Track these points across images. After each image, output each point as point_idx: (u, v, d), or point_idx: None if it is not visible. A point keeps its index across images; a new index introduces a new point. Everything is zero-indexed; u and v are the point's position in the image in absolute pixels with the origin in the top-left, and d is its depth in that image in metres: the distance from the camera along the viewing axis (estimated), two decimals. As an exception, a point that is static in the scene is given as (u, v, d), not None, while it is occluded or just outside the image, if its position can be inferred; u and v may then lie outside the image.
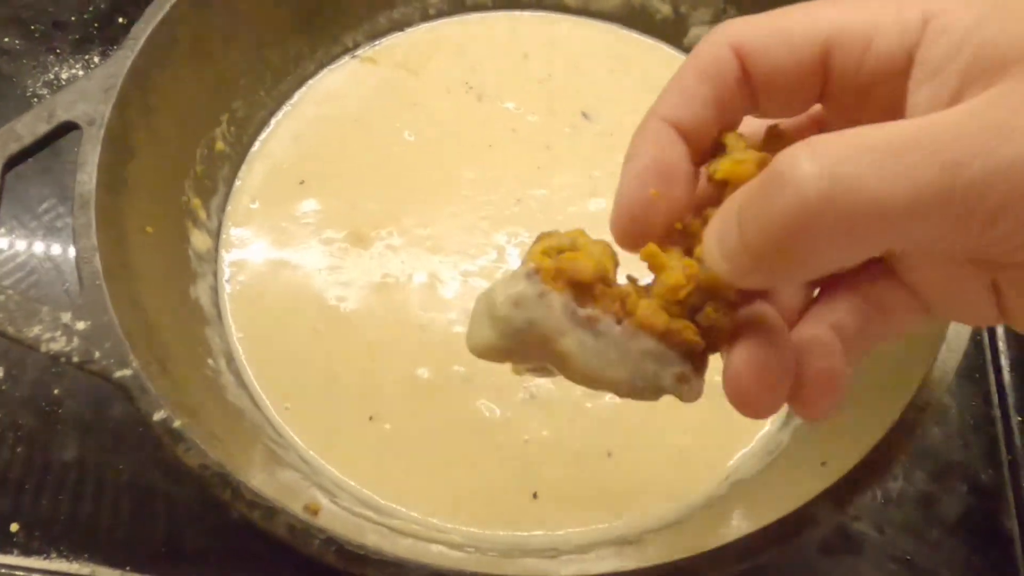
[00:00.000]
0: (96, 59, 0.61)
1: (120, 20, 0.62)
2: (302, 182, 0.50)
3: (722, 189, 0.22)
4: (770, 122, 0.24)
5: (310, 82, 0.54)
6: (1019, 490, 0.45)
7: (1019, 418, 0.47)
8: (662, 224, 0.23)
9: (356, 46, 0.56)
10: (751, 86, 0.23)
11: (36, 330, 0.35)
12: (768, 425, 0.44)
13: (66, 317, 0.35)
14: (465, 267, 0.47)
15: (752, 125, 0.24)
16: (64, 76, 0.60)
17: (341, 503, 0.38)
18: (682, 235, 0.23)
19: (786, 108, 0.23)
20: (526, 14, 0.58)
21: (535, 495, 0.43)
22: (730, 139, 0.23)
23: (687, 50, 0.56)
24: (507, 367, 0.45)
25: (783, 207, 0.18)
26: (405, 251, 0.48)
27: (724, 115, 0.23)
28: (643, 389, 0.23)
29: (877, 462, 0.33)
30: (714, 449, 0.44)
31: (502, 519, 0.42)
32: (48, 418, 0.47)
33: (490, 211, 0.50)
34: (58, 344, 0.34)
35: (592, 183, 0.51)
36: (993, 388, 0.48)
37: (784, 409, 0.45)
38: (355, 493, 0.41)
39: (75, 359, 0.34)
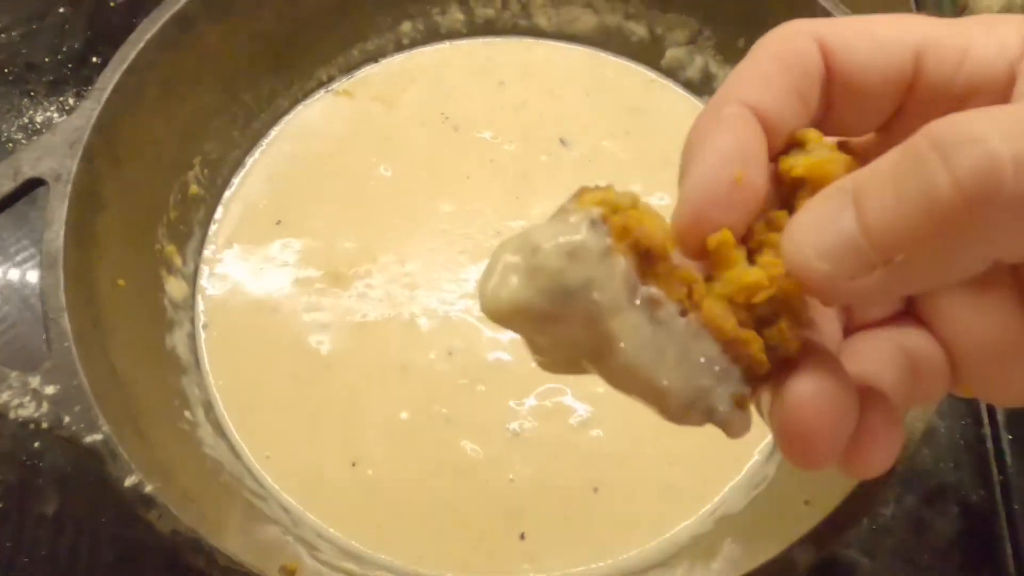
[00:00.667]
0: (71, 100, 0.60)
1: (94, 60, 0.62)
2: (278, 222, 0.50)
3: (793, 190, 0.20)
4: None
5: (285, 119, 0.54)
6: (1012, 511, 0.45)
7: (1010, 437, 0.47)
8: (742, 215, 0.20)
9: (330, 80, 0.55)
10: (831, 86, 0.21)
11: (4, 396, 0.34)
12: (756, 455, 0.44)
13: (35, 382, 0.35)
14: (444, 305, 0.47)
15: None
16: (39, 119, 0.60)
17: (322, 557, 0.38)
18: (743, 240, 0.20)
19: (860, 118, 0.22)
20: (500, 40, 0.58)
21: (522, 536, 0.42)
22: (811, 135, 0.21)
23: (665, 72, 0.56)
24: (493, 407, 0.44)
25: (953, 181, 0.15)
26: (383, 290, 0.48)
27: (800, 113, 0.21)
28: (692, 406, 0.19)
29: (859, 502, 0.33)
30: (701, 481, 0.43)
31: (490, 563, 0.42)
32: (29, 472, 0.46)
33: (468, 245, 0.49)
34: (27, 410, 0.34)
35: (571, 212, 0.50)
36: (983, 406, 0.47)
37: (770, 438, 0.44)
38: (337, 543, 0.41)
39: (44, 425, 0.34)
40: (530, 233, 0.18)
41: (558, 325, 0.18)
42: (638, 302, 0.18)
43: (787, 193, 0.20)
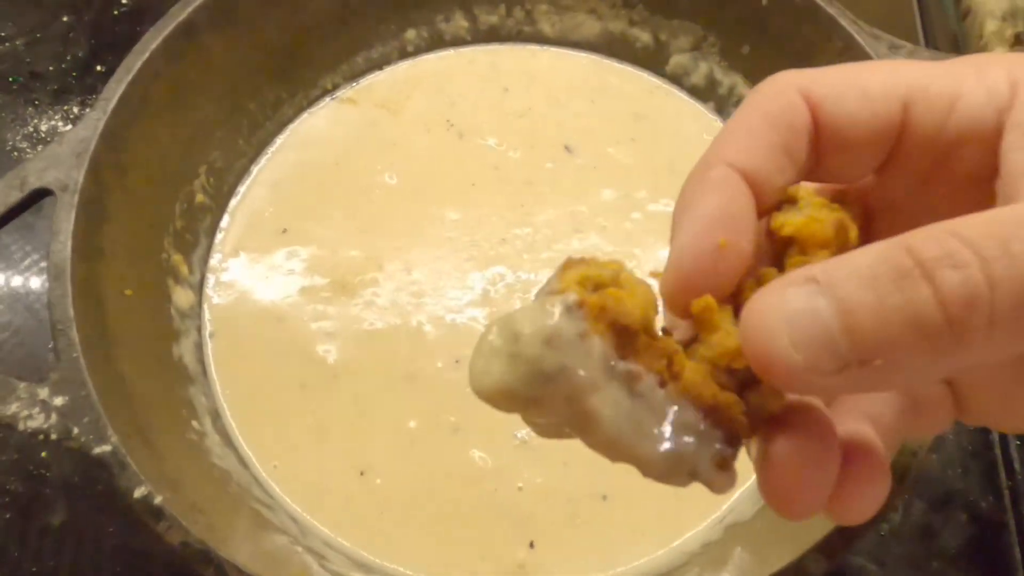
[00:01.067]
0: (75, 109, 0.60)
1: (98, 68, 0.62)
2: (284, 230, 0.50)
3: (783, 248, 0.20)
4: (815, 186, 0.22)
5: (290, 127, 0.54)
6: (1020, 517, 0.45)
7: (1018, 443, 0.46)
8: (727, 278, 0.20)
9: (335, 87, 0.55)
10: (819, 139, 0.21)
11: (13, 408, 0.34)
12: (763, 461, 0.44)
13: (43, 393, 0.34)
14: (451, 313, 0.47)
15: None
16: (43, 128, 0.60)
17: (331, 566, 0.38)
18: (732, 297, 0.20)
19: (850, 168, 0.22)
20: (505, 47, 0.58)
21: (532, 544, 0.42)
22: (802, 192, 0.21)
23: (669, 78, 0.56)
24: (501, 414, 0.45)
25: (938, 302, 0.15)
26: (390, 298, 0.47)
27: (789, 168, 0.21)
28: (674, 470, 0.19)
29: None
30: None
31: (499, 571, 0.41)
32: (36, 482, 0.46)
33: (474, 252, 0.49)
34: (36, 421, 0.34)
35: (576, 219, 0.50)
36: (990, 412, 0.47)
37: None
38: (346, 552, 0.40)
39: (53, 436, 0.34)
40: (513, 318, 0.19)
41: (541, 406, 0.19)
42: (616, 376, 0.19)
43: (779, 248, 0.20)
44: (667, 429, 0.19)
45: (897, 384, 0.18)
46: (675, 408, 0.19)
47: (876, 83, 0.20)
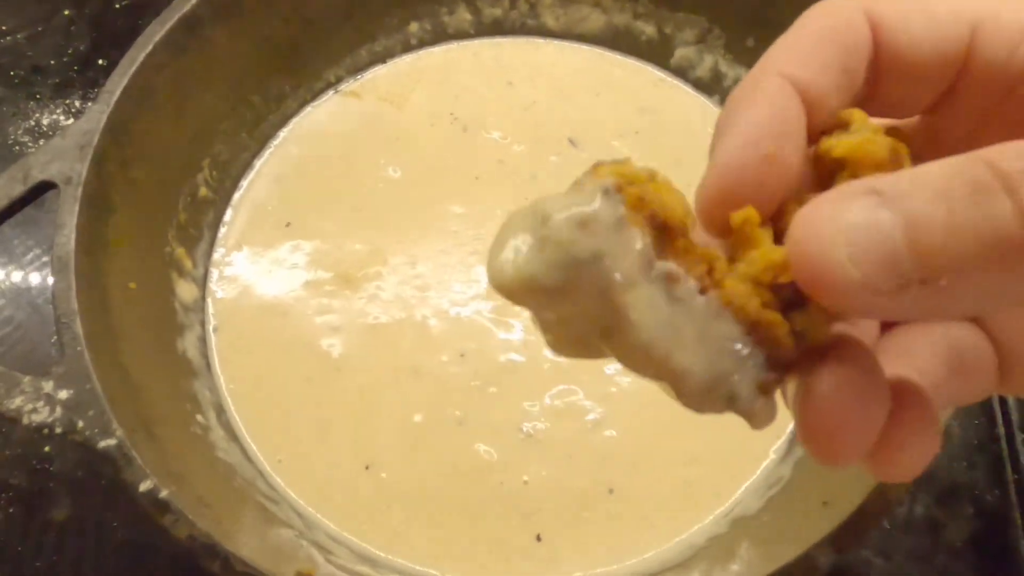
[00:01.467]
0: (77, 103, 0.60)
1: (100, 62, 0.61)
2: (288, 224, 0.50)
3: (832, 172, 0.18)
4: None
5: (293, 120, 0.54)
6: (1027, 511, 0.44)
7: (1023, 435, 0.46)
8: (771, 194, 0.18)
9: (339, 81, 0.55)
10: (878, 63, 0.19)
11: (18, 402, 0.34)
12: (772, 455, 0.44)
13: (48, 386, 0.34)
14: (456, 306, 0.47)
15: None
16: (45, 122, 0.59)
17: (336, 560, 0.38)
18: (772, 220, 0.19)
19: (907, 99, 0.20)
20: (509, 40, 0.57)
21: (538, 537, 0.42)
22: (855, 115, 0.19)
23: (674, 71, 0.56)
24: (506, 408, 0.44)
25: (1021, 216, 0.14)
26: (394, 292, 0.47)
27: (844, 89, 0.20)
28: (712, 390, 0.17)
29: (878, 503, 0.32)
30: (717, 481, 0.43)
31: (506, 565, 0.41)
32: (39, 477, 0.46)
33: (479, 246, 0.49)
34: (40, 415, 0.34)
35: (581, 213, 0.50)
36: (996, 406, 0.47)
37: (786, 437, 0.44)
38: (352, 546, 0.40)
39: (58, 430, 0.34)
40: (540, 203, 0.17)
41: (568, 300, 0.17)
42: (654, 277, 0.17)
43: (825, 176, 0.19)
44: (707, 340, 0.17)
45: (958, 310, 0.16)
46: (716, 320, 0.17)
47: (944, 5, 0.19)
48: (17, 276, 0.53)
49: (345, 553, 0.40)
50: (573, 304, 0.17)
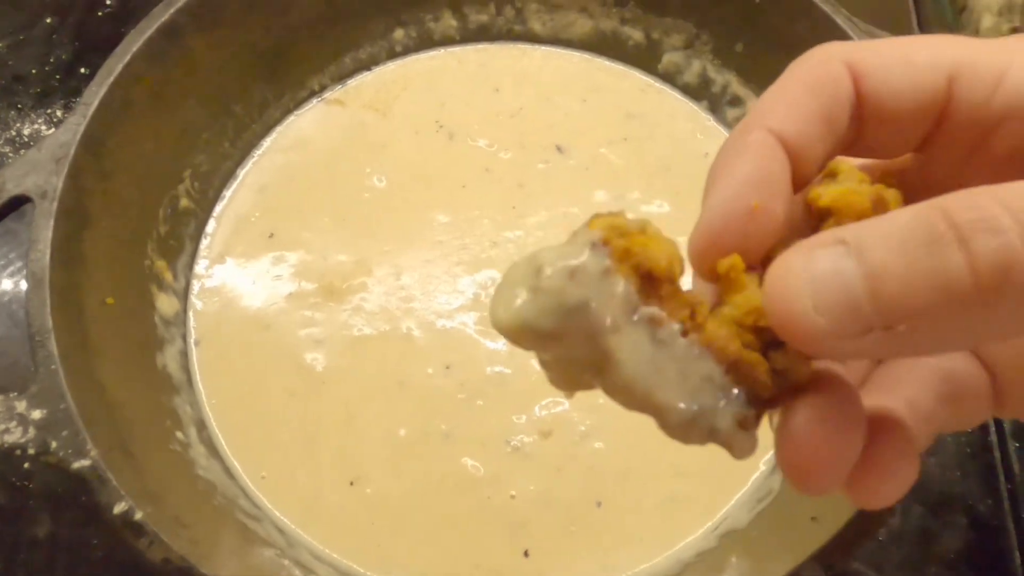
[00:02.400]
0: (59, 113, 0.59)
1: (82, 71, 0.61)
2: (271, 235, 0.49)
3: (819, 220, 0.20)
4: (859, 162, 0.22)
5: (277, 129, 0.53)
6: (1020, 521, 0.44)
7: (1016, 445, 0.46)
8: (757, 243, 0.20)
9: (323, 88, 0.55)
10: (861, 111, 0.21)
11: (-10, 422, 0.33)
12: (761, 467, 0.43)
13: (21, 406, 0.34)
14: (441, 318, 0.46)
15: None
16: (27, 132, 0.59)
17: (319, 580, 0.37)
18: (762, 264, 0.20)
19: (891, 143, 0.21)
20: (495, 46, 0.57)
21: (526, 553, 0.41)
22: (843, 166, 0.20)
23: (661, 76, 0.55)
24: (493, 421, 0.44)
25: (970, 267, 0.15)
26: (379, 303, 0.47)
27: (828, 138, 0.21)
28: (694, 424, 0.19)
29: (868, 518, 0.32)
30: (705, 494, 0.43)
31: (492, 581, 0.41)
32: (18, 495, 0.45)
33: (465, 256, 0.48)
34: (13, 436, 0.33)
35: (568, 221, 0.50)
36: (989, 414, 0.47)
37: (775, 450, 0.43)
38: (336, 565, 0.40)
39: (31, 451, 0.33)
40: (537, 255, 0.19)
41: (561, 342, 0.18)
42: (638, 320, 0.19)
43: (815, 223, 0.20)
44: (688, 379, 0.19)
45: (921, 351, 0.18)
46: (697, 359, 0.19)
47: (922, 55, 0.20)
48: (-3, 289, 0.52)
49: (328, 572, 0.39)
50: (566, 346, 0.18)
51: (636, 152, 0.52)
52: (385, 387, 0.44)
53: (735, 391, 0.19)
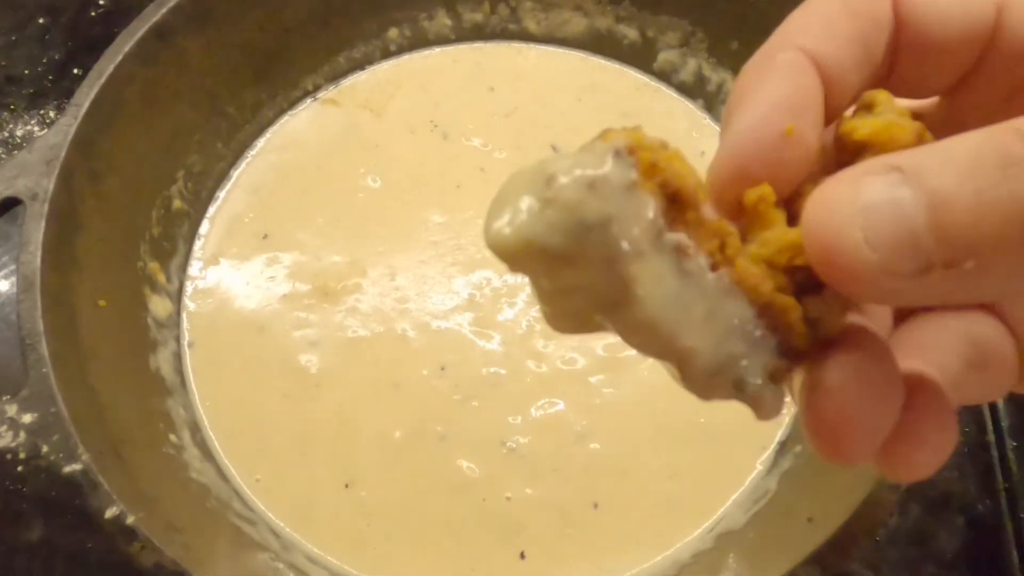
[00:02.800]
0: (52, 113, 0.59)
1: (75, 71, 0.60)
2: (265, 236, 0.49)
3: (854, 156, 0.17)
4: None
5: (270, 129, 0.53)
6: (1018, 520, 0.44)
7: (1014, 444, 0.46)
8: (788, 172, 0.17)
9: (316, 88, 0.54)
10: (901, 39, 0.18)
11: (-19, 426, 0.33)
12: (758, 467, 0.43)
13: (12, 410, 0.33)
14: (436, 319, 0.46)
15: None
16: (19, 133, 0.58)
17: (314, 584, 0.37)
18: (787, 202, 0.18)
19: (929, 77, 0.19)
20: (490, 45, 0.57)
21: (522, 555, 0.41)
22: (881, 97, 0.18)
23: (657, 75, 0.55)
24: (488, 422, 0.43)
25: None
26: (373, 304, 0.46)
27: (863, 66, 0.18)
28: (720, 374, 0.16)
29: (864, 519, 0.32)
30: (702, 495, 0.42)
31: (488, 583, 0.40)
32: (12, 498, 0.45)
33: (460, 256, 0.48)
34: (4, 440, 0.33)
35: (564, 221, 0.49)
36: (987, 414, 0.47)
37: (772, 449, 0.43)
38: (331, 568, 0.40)
39: (22, 455, 0.33)
40: (547, 163, 0.16)
41: (571, 267, 0.16)
42: (663, 248, 0.16)
43: (845, 160, 0.17)
44: (716, 320, 0.16)
45: (985, 294, 0.15)
46: (727, 299, 0.16)
47: None
48: (-11, 291, 0.52)
49: (323, 575, 0.39)
50: (576, 273, 0.16)
51: (631, 151, 0.52)
52: (380, 388, 0.44)
53: (768, 337, 0.16)
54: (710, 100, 0.53)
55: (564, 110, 0.54)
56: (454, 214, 0.50)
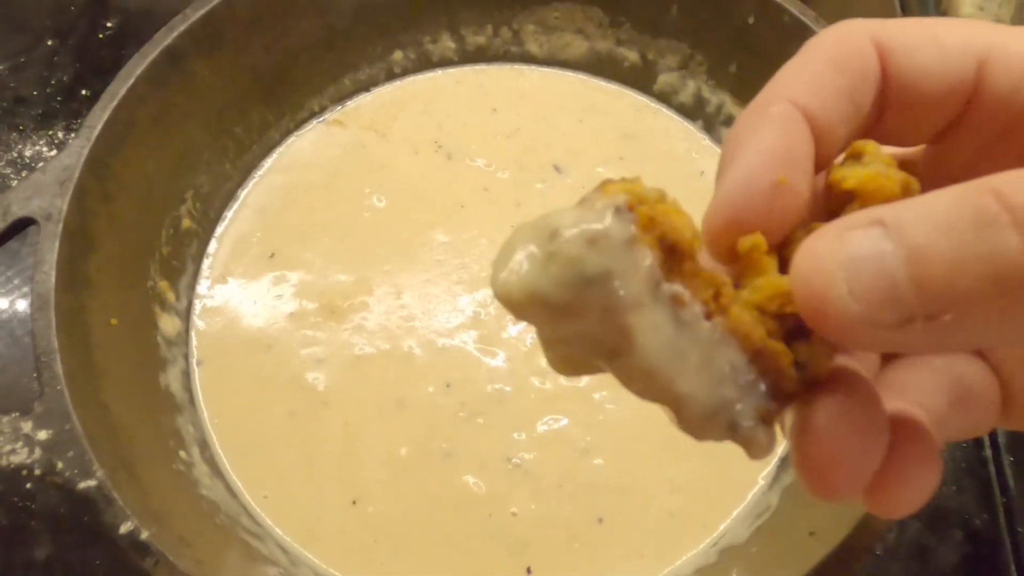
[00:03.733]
0: (60, 134, 0.60)
1: (83, 92, 0.61)
2: (272, 255, 0.50)
3: (843, 203, 0.18)
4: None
5: (277, 150, 0.54)
6: (1015, 535, 0.44)
7: (1011, 459, 0.46)
8: (780, 221, 0.18)
9: (322, 110, 0.55)
10: (886, 92, 0.19)
11: (-4, 443, 0.34)
12: (760, 482, 0.43)
13: (27, 427, 0.34)
14: (441, 337, 0.47)
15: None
16: (28, 154, 0.59)
17: (322, 599, 0.37)
18: (778, 249, 0.18)
19: (914, 127, 0.20)
20: (492, 67, 0.58)
21: (528, 570, 0.42)
22: (869, 148, 0.19)
23: (656, 96, 0.56)
24: (494, 439, 0.44)
25: None
26: (379, 322, 0.47)
27: (851, 118, 0.19)
28: (714, 417, 0.17)
29: (866, 533, 0.32)
30: (705, 510, 0.43)
31: (494, 599, 0.41)
32: (21, 515, 0.45)
33: (464, 275, 0.49)
34: (19, 456, 0.33)
35: (567, 240, 0.50)
36: (983, 428, 0.47)
37: (774, 464, 0.44)
38: (338, 583, 0.40)
39: (37, 471, 0.33)
40: (550, 217, 0.17)
41: (572, 318, 0.17)
42: (660, 299, 0.17)
43: (835, 207, 0.18)
44: (711, 367, 0.17)
45: (964, 345, 0.16)
46: (720, 346, 0.17)
47: (953, 36, 0.19)
48: (0, 311, 0.52)
49: (331, 590, 0.39)
50: (577, 322, 0.17)
51: (632, 171, 0.53)
52: (386, 406, 0.45)
53: (759, 383, 0.17)
54: (709, 121, 0.54)
55: (566, 131, 0.55)
56: (458, 233, 0.50)
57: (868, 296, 0.15)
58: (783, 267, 0.18)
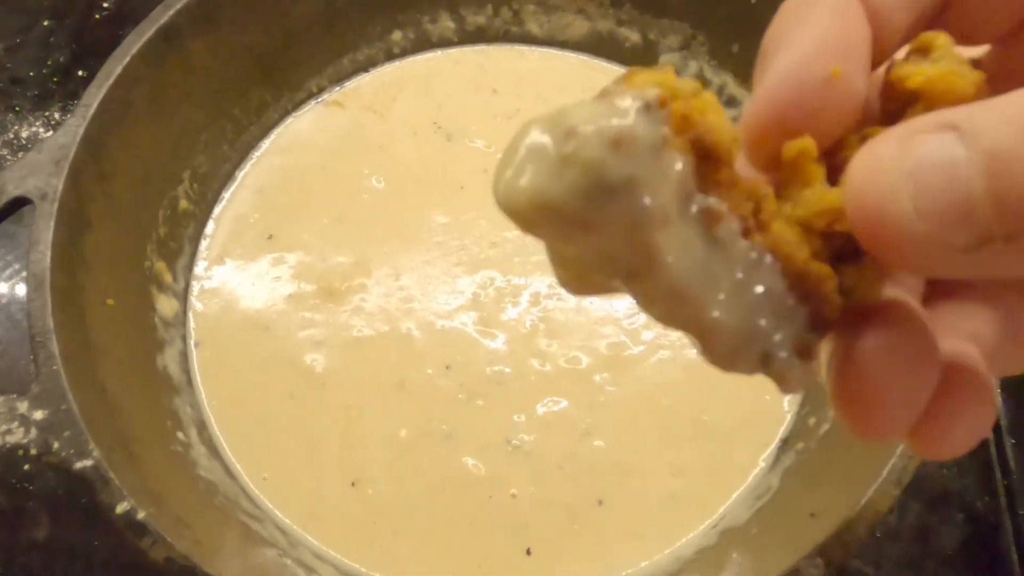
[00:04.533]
0: (57, 115, 0.59)
1: (80, 73, 0.61)
2: (270, 236, 0.49)
3: (904, 106, 0.16)
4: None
5: (275, 131, 0.53)
6: (1016, 517, 0.44)
7: (1013, 441, 0.46)
8: (832, 122, 0.16)
9: (321, 90, 0.55)
10: None
11: (-8, 423, 0.33)
12: (760, 463, 0.43)
13: (23, 407, 0.34)
14: (440, 318, 0.46)
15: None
16: (24, 134, 0.59)
17: (321, 580, 0.37)
18: (828, 156, 0.16)
19: (984, 19, 0.17)
20: (493, 48, 0.57)
21: (528, 551, 0.42)
22: (939, 40, 0.16)
23: (658, 77, 0.55)
24: (494, 420, 0.44)
25: None
26: (378, 304, 0.47)
27: (914, 6, 0.17)
28: (746, 348, 0.15)
29: (867, 514, 0.32)
30: (705, 491, 0.43)
31: (494, 580, 0.41)
32: (19, 496, 0.45)
33: (464, 256, 0.48)
34: (15, 436, 0.33)
35: (567, 222, 0.50)
36: (985, 411, 0.47)
37: (775, 446, 0.44)
38: (337, 565, 0.40)
39: (33, 451, 0.33)
40: (566, 112, 0.14)
41: (589, 232, 0.14)
42: (692, 213, 0.15)
43: (895, 110, 0.16)
44: (745, 292, 0.15)
45: None
46: (757, 268, 0.15)
47: None
48: (-5, 292, 0.52)
49: (330, 572, 0.39)
50: (595, 238, 0.14)
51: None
52: (385, 388, 0.44)
53: (799, 310, 0.15)
54: (711, 102, 0.54)
55: (566, 112, 0.55)
56: (457, 215, 0.50)
57: (937, 212, 0.13)
58: (831, 178, 0.16)
